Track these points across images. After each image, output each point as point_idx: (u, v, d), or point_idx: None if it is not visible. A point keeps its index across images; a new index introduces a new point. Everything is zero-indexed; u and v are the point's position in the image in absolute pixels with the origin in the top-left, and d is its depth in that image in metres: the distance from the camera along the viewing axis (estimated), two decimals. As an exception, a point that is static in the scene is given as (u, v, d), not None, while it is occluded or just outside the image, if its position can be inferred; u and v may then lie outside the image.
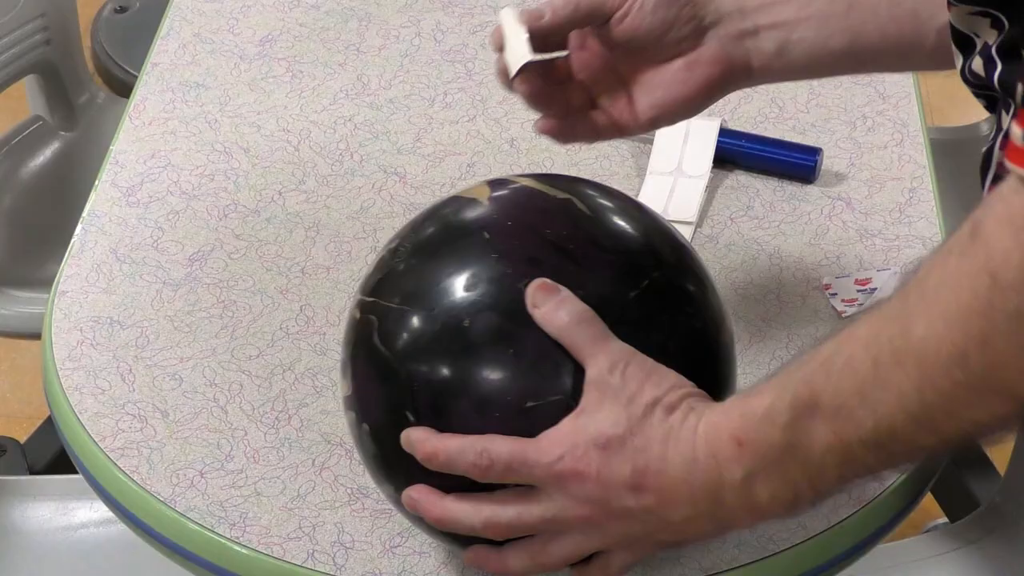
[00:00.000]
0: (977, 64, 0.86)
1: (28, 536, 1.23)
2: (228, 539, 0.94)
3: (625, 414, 0.79)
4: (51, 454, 1.61)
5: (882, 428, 0.71)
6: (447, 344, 0.81)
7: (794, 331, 1.07)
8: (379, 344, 0.83)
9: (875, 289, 1.09)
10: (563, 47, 0.97)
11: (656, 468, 0.78)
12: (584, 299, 0.80)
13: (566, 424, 0.80)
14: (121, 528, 1.02)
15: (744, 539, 0.95)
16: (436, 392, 0.81)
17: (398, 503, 0.86)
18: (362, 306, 0.85)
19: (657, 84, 0.97)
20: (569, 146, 1.23)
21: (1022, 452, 1.16)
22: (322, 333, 1.08)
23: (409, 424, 0.82)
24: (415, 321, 0.82)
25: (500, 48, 0.94)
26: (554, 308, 0.80)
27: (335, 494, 0.97)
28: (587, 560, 0.83)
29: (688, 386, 0.81)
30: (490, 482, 0.80)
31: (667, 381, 0.80)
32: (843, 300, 1.09)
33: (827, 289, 1.10)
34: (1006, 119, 0.87)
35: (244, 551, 0.94)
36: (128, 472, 0.98)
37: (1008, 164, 0.66)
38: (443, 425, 0.81)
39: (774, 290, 1.11)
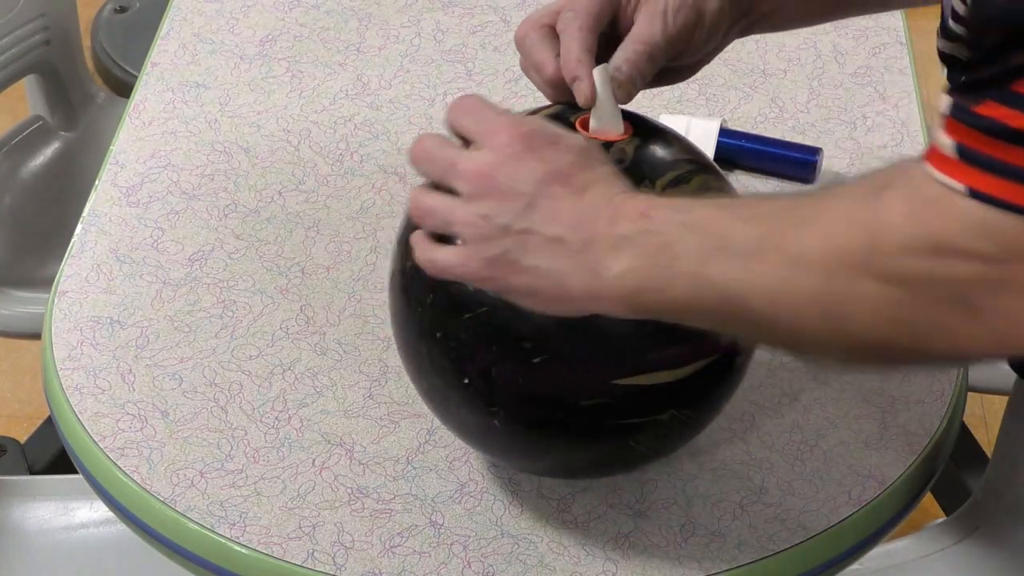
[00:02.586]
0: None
1: (28, 536, 1.23)
2: (228, 539, 0.94)
3: (588, 151, 0.82)
4: (51, 454, 1.61)
5: (737, 290, 0.75)
6: None
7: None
8: None
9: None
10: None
11: (579, 184, 0.80)
12: None
13: None
14: (121, 528, 1.02)
15: (744, 539, 0.95)
16: None
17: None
18: None
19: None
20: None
21: (1004, 447, 1.16)
22: (322, 333, 1.08)
23: None
24: None
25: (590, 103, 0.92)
26: None
27: (335, 494, 0.97)
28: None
29: None
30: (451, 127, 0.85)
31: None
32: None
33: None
34: None
35: (244, 551, 0.94)
36: (128, 472, 0.98)
37: (935, 173, 0.70)
38: None
39: (774, 290, 1.11)
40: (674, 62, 0.94)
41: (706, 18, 0.92)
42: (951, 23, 0.87)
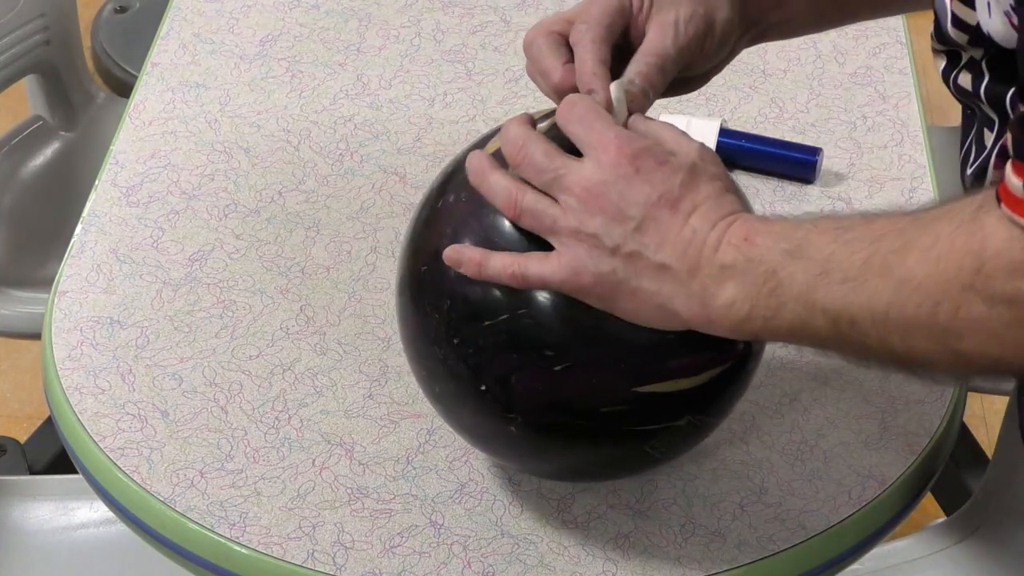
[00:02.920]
0: (964, 79, 0.87)
1: (28, 536, 1.23)
2: (228, 539, 0.94)
3: (698, 168, 0.83)
4: (51, 454, 1.61)
5: (845, 313, 0.76)
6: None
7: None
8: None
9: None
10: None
11: (686, 208, 0.81)
12: None
13: None
14: (121, 528, 1.02)
15: (744, 539, 0.95)
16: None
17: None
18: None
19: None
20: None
21: (1004, 447, 1.16)
22: (322, 333, 1.08)
23: None
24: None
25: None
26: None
27: (335, 494, 0.97)
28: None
29: None
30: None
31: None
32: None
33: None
34: (988, 136, 0.88)
35: (244, 551, 0.94)
36: (128, 472, 0.98)
37: (1012, 215, 0.70)
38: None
39: (774, 290, 1.11)
40: (685, 72, 0.94)
41: (716, 28, 0.92)
42: (950, 29, 0.86)
